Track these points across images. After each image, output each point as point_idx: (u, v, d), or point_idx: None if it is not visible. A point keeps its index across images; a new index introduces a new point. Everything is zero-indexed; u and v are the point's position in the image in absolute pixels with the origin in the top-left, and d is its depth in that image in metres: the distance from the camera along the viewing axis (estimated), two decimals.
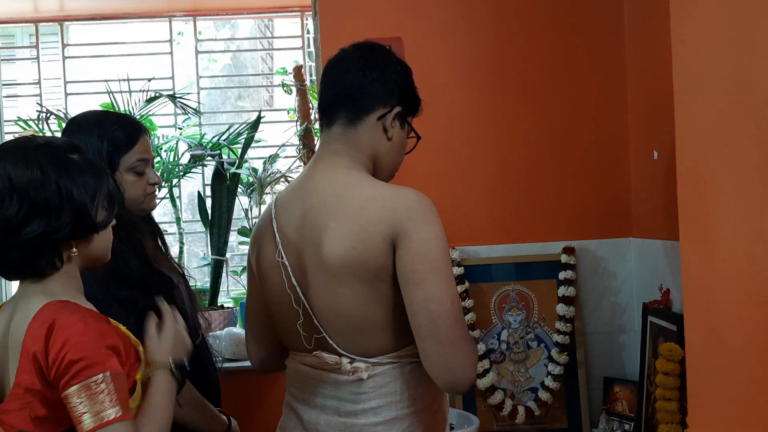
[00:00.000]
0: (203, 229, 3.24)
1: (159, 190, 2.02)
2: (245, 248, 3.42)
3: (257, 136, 3.30)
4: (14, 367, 1.34)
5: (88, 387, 1.29)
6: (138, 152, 1.85)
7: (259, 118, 3.26)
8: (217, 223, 3.03)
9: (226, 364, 2.54)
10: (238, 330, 2.90)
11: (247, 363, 1.84)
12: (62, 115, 3.15)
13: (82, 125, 1.84)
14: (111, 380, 1.32)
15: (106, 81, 3.29)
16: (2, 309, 1.44)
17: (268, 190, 3.14)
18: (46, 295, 1.38)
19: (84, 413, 1.29)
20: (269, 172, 3.14)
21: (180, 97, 3.22)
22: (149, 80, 3.32)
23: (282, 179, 3.18)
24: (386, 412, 1.54)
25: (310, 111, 3.27)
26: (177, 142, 3.31)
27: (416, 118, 1.69)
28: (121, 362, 1.37)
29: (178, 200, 3.31)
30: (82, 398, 1.30)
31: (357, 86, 1.59)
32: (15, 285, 3.36)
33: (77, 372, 1.30)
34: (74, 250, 1.40)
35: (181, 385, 1.77)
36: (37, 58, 3.60)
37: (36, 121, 3.23)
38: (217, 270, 3.05)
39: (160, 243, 1.97)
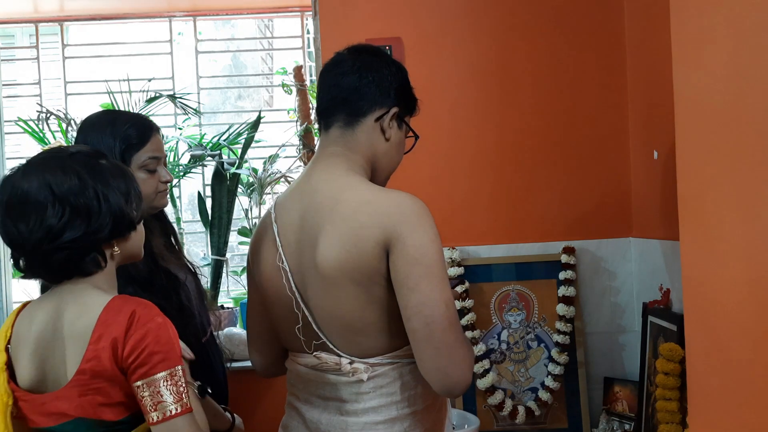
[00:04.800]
0: (203, 229, 3.24)
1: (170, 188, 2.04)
2: (245, 248, 3.41)
3: (257, 136, 3.30)
4: (71, 359, 1.39)
5: (165, 379, 1.37)
6: (150, 150, 1.88)
7: (259, 118, 3.26)
8: (217, 223, 3.03)
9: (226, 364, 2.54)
10: (238, 330, 2.90)
11: (248, 362, 1.84)
12: (62, 115, 3.15)
13: (96, 124, 1.88)
14: (182, 375, 1.40)
15: (106, 81, 3.29)
16: (35, 306, 1.48)
17: (268, 190, 3.14)
18: (98, 290, 1.44)
19: (159, 403, 1.36)
20: (269, 172, 3.14)
21: (180, 97, 3.22)
22: (149, 80, 3.32)
23: (282, 179, 3.18)
24: (387, 411, 1.55)
25: (310, 111, 3.27)
26: (177, 142, 3.31)
27: (416, 118, 1.70)
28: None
29: (178, 200, 3.31)
30: (155, 390, 1.37)
31: (353, 89, 1.60)
32: (15, 286, 3.32)
33: (156, 363, 1.37)
34: (116, 248, 1.48)
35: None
36: (37, 58, 3.60)
37: (36, 121, 3.23)
38: (217, 270, 3.05)
39: (173, 241, 1.97)
